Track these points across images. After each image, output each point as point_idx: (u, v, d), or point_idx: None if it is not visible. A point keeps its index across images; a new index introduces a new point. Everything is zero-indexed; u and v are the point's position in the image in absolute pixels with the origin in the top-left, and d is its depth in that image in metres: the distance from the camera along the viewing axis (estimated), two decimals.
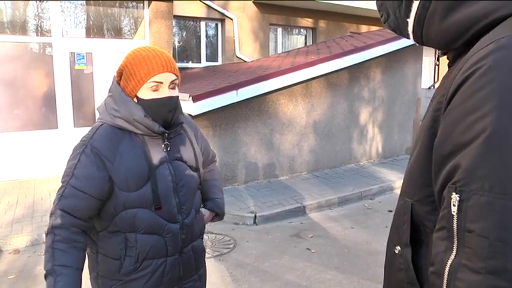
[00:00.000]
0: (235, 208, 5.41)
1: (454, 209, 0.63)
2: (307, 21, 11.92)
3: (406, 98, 8.63)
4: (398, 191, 6.53)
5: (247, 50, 10.75)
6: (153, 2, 7.37)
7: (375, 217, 5.48)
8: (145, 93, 1.52)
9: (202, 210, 1.82)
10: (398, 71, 8.35)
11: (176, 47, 10.05)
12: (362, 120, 7.95)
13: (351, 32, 12.17)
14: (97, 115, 1.67)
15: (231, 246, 4.54)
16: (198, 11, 9.94)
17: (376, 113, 8.18)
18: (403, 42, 7.96)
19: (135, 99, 1.54)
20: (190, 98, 5.61)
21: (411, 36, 0.81)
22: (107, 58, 7.30)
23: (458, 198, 0.62)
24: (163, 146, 1.59)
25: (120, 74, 1.57)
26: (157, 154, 1.57)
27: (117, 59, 7.34)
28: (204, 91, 5.83)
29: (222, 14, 10.23)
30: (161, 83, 1.51)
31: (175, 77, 1.55)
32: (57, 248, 1.43)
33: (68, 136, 7.07)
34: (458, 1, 0.70)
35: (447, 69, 0.80)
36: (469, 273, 0.58)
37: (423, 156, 0.76)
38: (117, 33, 7.80)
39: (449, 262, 0.62)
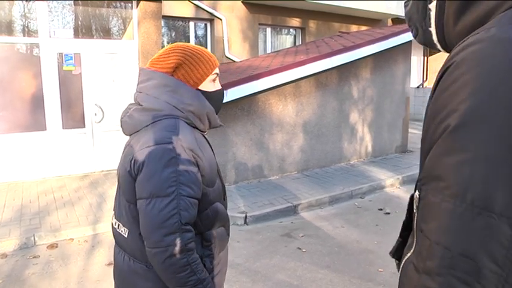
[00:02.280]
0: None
1: (415, 207, 0.63)
2: (296, 21, 11.94)
3: (396, 97, 8.68)
4: (388, 190, 6.60)
5: (236, 50, 10.73)
6: (141, 2, 7.34)
7: (366, 216, 5.49)
8: (208, 85, 1.52)
9: None
10: (387, 71, 8.40)
11: (165, 47, 9.99)
12: (352, 119, 7.98)
13: (340, 32, 12.21)
14: (88, 115, 1.62)
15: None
16: (187, 11, 9.90)
17: (366, 112, 8.22)
18: (392, 42, 8.01)
19: None
20: None
21: (438, 45, 0.78)
22: (96, 59, 7.24)
23: (418, 197, 0.62)
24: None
25: (173, 70, 1.48)
26: None
27: (106, 59, 7.29)
28: None
29: (211, 14, 10.20)
30: (218, 74, 1.56)
31: None
32: (194, 261, 1.37)
33: (56, 138, 7.01)
34: (465, 4, 0.68)
35: (436, 68, 0.80)
36: (413, 271, 0.58)
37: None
38: (106, 33, 7.74)
39: (406, 257, 0.63)
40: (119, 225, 1.54)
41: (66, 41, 7.05)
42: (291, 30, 12.37)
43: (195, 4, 9.90)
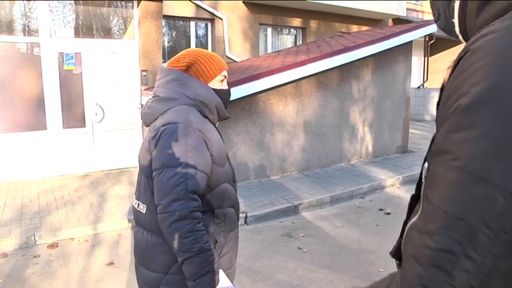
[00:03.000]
0: None
1: (423, 176, 0.70)
2: (297, 21, 11.93)
3: (396, 97, 8.68)
4: (388, 190, 6.59)
5: (237, 50, 10.72)
6: (142, 2, 7.34)
7: (366, 216, 5.49)
8: (216, 84, 1.73)
9: None
10: (388, 71, 8.39)
11: (166, 47, 10.00)
12: (352, 119, 7.98)
13: (340, 32, 12.20)
14: (88, 114, 1.68)
15: None
16: (188, 10, 9.90)
17: (367, 113, 8.21)
18: (393, 42, 8.00)
19: None
20: None
21: (460, 36, 0.82)
22: (96, 58, 7.24)
23: (426, 167, 0.69)
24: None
25: (186, 69, 1.71)
26: None
27: (107, 59, 7.29)
28: None
29: (212, 13, 10.19)
30: (226, 77, 1.78)
31: None
32: (199, 229, 1.49)
33: (57, 137, 7.01)
34: (482, 6, 0.72)
35: (437, 68, 0.83)
36: (416, 232, 0.64)
37: None
38: (107, 33, 7.75)
39: (411, 222, 0.69)
40: (138, 204, 1.71)
41: (66, 40, 7.05)
42: (292, 30, 12.36)
43: (195, 4, 9.90)
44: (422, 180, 0.71)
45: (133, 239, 1.87)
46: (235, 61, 10.31)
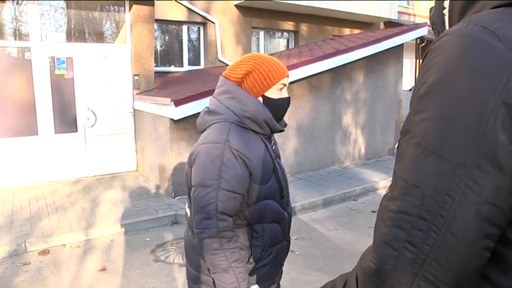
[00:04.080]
0: None
1: (395, 154, 0.85)
2: (289, 25, 11.96)
3: (388, 100, 8.72)
4: (381, 192, 6.59)
5: (229, 54, 10.73)
6: (134, 6, 7.32)
7: (359, 218, 5.50)
8: (274, 93, 1.70)
9: None
10: (379, 73, 8.43)
11: (158, 51, 9.99)
12: (345, 122, 8.00)
13: (332, 35, 12.24)
14: (80, 119, 1.67)
15: None
16: (180, 14, 9.90)
17: (359, 115, 8.24)
18: (384, 45, 8.04)
19: (260, 99, 1.69)
20: (172, 102, 5.57)
21: None
22: (88, 63, 7.21)
23: (396, 146, 0.80)
24: (271, 144, 1.79)
25: (243, 77, 1.68)
26: (271, 151, 1.75)
27: (99, 63, 7.27)
28: (186, 95, 5.79)
29: (204, 17, 10.20)
30: (285, 85, 1.73)
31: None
32: (227, 248, 1.57)
33: (48, 143, 6.96)
34: (465, 8, 0.82)
35: None
36: (385, 200, 0.74)
37: None
38: (98, 37, 7.72)
39: (385, 193, 0.79)
40: (186, 206, 1.84)
41: (58, 44, 7.01)
42: (284, 33, 12.40)
43: (188, 8, 9.91)
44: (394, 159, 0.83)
45: (125, 244, 1.92)
46: (228, 65, 10.29)
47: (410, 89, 15.63)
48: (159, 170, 6.38)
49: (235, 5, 10.67)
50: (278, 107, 1.72)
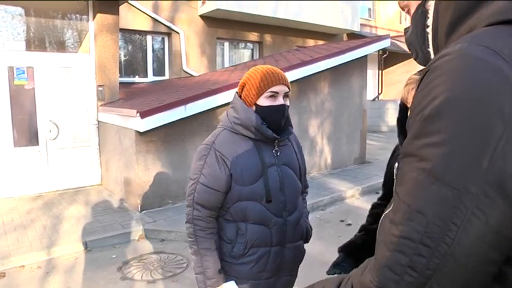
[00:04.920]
0: None
1: (395, 175, 0.81)
2: (254, 35, 12.03)
3: (353, 110, 8.86)
4: (349, 201, 6.67)
5: (194, 64, 10.67)
6: (98, 15, 7.14)
7: (328, 228, 5.52)
8: (264, 101, 1.82)
9: None
10: (345, 84, 8.57)
11: (122, 61, 9.80)
12: (311, 132, 8.07)
13: (297, 46, 12.40)
14: (42, 132, 1.61)
15: (184, 265, 4.41)
16: (144, 24, 9.77)
17: (325, 125, 8.33)
18: (349, 56, 8.19)
19: (254, 107, 1.84)
20: (138, 114, 5.45)
21: None
22: (50, 73, 6.95)
23: (397, 166, 0.79)
24: (274, 151, 1.89)
25: (242, 87, 1.88)
26: (268, 157, 1.87)
27: (61, 73, 7.04)
28: (152, 107, 5.69)
29: (169, 27, 10.11)
30: (277, 93, 1.82)
31: (287, 90, 1.86)
32: (199, 235, 1.82)
33: (7, 157, 6.65)
34: (452, 27, 0.81)
35: (390, 81, 0.91)
36: (387, 222, 0.74)
37: None
38: (60, 46, 7.50)
39: (384, 213, 0.79)
40: None
41: (17, 53, 6.74)
42: (249, 44, 12.45)
43: (152, 17, 9.80)
44: (394, 177, 0.82)
45: (90, 262, 1.92)
46: (193, 75, 10.24)
47: (373, 99, 16.02)
48: (125, 183, 6.22)
49: (200, 16, 10.65)
50: (269, 114, 1.82)
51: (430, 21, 0.87)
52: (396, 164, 0.81)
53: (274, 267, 1.90)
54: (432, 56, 0.89)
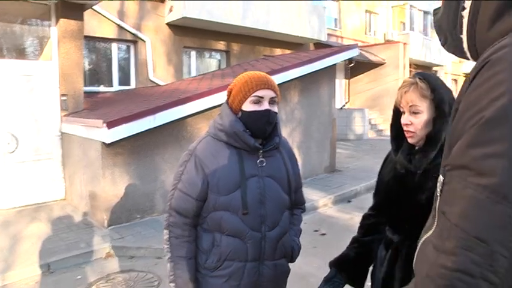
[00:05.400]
0: (156, 241, 5.03)
1: (438, 191, 0.68)
2: (221, 44, 11.95)
3: (323, 119, 8.86)
4: (321, 210, 6.62)
5: (161, 73, 10.46)
6: (61, 20, 6.81)
7: (302, 238, 5.32)
8: (248, 106, 1.74)
9: None
10: (314, 93, 8.57)
11: (86, 69, 9.47)
12: None
13: (264, 55, 12.39)
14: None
15: (156, 283, 4.18)
16: (109, 31, 9.49)
17: (295, 134, 8.29)
18: (319, 65, 8.21)
19: (240, 113, 1.76)
20: (104, 124, 5.20)
21: (468, 53, 0.78)
22: (8, 81, 6.56)
23: (441, 181, 0.67)
24: (258, 161, 1.78)
25: (229, 93, 1.81)
26: (251, 167, 1.76)
27: (20, 82, 6.67)
28: (119, 117, 5.46)
29: (135, 35, 9.88)
30: (262, 97, 1.74)
31: (274, 95, 1.77)
32: (173, 243, 1.78)
33: None
34: (501, 10, 0.68)
35: (356, 90, 0.77)
36: (431, 249, 0.62)
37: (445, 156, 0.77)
38: (20, 53, 7.14)
39: (425, 237, 0.68)
40: None
41: None
42: (216, 53, 12.36)
43: (118, 24, 9.53)
44: (437, 194, 0.69)
45: (53, 285, 1.74)
46: (159, 85, 10.02)
47: (341, 108, 16.19)
48: (90, 198, 5.93)
49: (166, 23, 10.47)
50: (253, 120, 1.74)
51: (468, 3, 0.75)
52: (440, 178, 0.68)
53: (250, 284, 1.78)
54: (465, 44, 0.77)
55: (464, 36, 0.77)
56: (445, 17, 0.81)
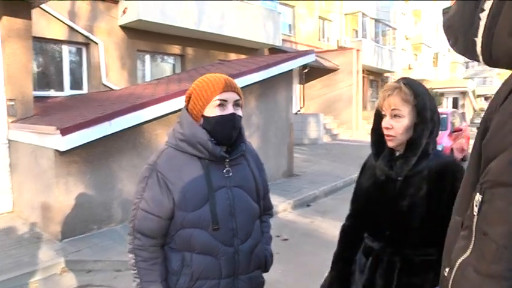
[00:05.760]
0: (115, 253, 4.83)
1: (475, 210, 0.64)
2: (176, 48, 11.78)
3: (280, 124, 8.91)
4: (281, 215, 6.62)
5: (114, 77, 10.15)
6: (4, 18, 6.38)
7: None
8: (211, 111, 1.62)
9: None
10: (271, 98, 8.59)
11: (35, 72, 9.01)
12: None
13: (219, 60, 12.33)
14: None
15: None
16: (60, 32, 9.09)
17: (252, 139, 8.26)
18: (276, 70, 8.25)
19: (201, 120, 1.64)
20: (58, 131, 4.94)
21: (480, 57, 0.73)
22: None
23: (480, 200, 0.63)
24: (224, 171, 1.67)
25: (188, 99, 1.69)
26: (218, 178, 1.65)
27: None
28: (73, 123, 5.20)
29: (87, 37, 9.52)
30: (225, 101, 1.62)
31: (238, 97, 1.66)
32: (141, 267, 1.63)
33: None
34: None
35: (311, 95, 0.72)
36: (473, 273, 0.59)
37: (474, 170, 0.71)
38: None
39: (461, 259, 0.64)
40: None
41: None
42: (170, 57, 12.17)
43: (68, 25, 9.15)
44: (474, 213, 0.64)
45: None
46: (113, 89, 9.72)
47: (296, 113, 16.38)
48: (42, 209, 5.61)
49: (120, 26, 10.18)
50: (218, 126, 1.63)
51: (487, 4, 0.70)
52: (478, 197, 0.64)
53: None
54: (478, 47, 0.73)
55: (479, 39, 0.72)
56: (459, 17, 0.76)
